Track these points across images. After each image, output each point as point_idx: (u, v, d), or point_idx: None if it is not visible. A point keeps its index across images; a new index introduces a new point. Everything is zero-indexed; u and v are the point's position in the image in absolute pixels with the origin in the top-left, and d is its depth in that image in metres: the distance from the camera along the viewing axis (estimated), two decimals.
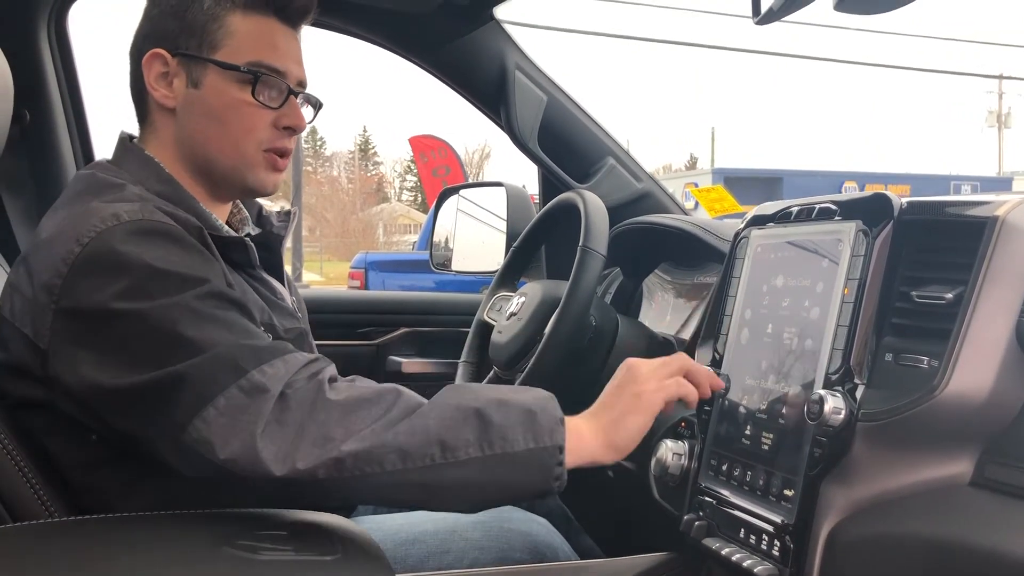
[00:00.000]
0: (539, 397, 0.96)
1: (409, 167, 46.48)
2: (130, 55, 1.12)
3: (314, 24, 1.78)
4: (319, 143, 47.25)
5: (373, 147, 49.09)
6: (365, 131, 50.21)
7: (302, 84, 1.13)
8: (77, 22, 1.70)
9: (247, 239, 1.10)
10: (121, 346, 0.90)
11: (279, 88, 1.09)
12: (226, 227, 1.12)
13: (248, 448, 0.85)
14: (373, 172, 48.28)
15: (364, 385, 0.94)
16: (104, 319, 0.91)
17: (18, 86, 1.35)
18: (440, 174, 12.03)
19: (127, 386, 0.89)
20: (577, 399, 1.46)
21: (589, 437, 0.98)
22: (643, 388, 1.01)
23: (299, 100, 1.13)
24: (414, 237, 19.40)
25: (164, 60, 1.08)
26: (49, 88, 1.65)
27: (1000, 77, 29.29)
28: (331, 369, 0.95)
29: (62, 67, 1.68)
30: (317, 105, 1.19)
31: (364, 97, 71.47)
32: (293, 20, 1.12)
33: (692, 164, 45.85)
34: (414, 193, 45.74)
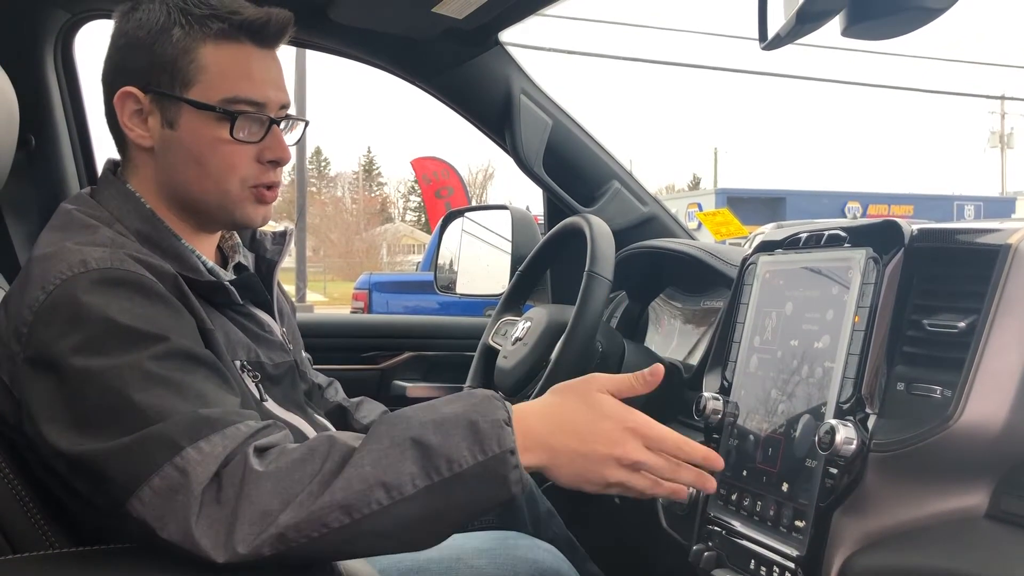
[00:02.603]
0: (475, 402, 0.86)
1: (413, 187, 46.60)
2: (103, 85, 1.08)
3: (317, 49, 1.80)
4: (323, 164, 47.44)
5: (377, 168, 49.29)
6: (369, 152, 50.55)
7: (284, 107, 1.08)
8: (83, 45, 1.71)
9: (226, 283, 1.06)
10: (70, 405, 0.87)
11: (259, 121, 1.05)
12: (210, 264, 1.08)
13: (185, 533, 0.81)
14: (377, 192, 48.43)
15: (293, 446, 0.86)
16: (58, 373, 0.88)
17: (24, 111, 1.35)
18: (443, 195, 12.04)
19: (74, 454, 0.86)
20: None
21: (540, 438, 0.87)
22: (612, 475, 0.88)
23: (282, 125, 1.09)
24: (418, 257, 19.41)
25: (136, 98, 1.04)
26: (54, 114, 1.66)
27: (1002, 98, 29.35)
28: (271, 436, 0.88)
29: (68, 92, 1.68)
30: (304, 124, 1.15)
31: (368, 118, 71.78)
32: (269, 42, 1.06)
33: (695, 184, 45.93)
34: (418, 213, 45.83)
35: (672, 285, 1.69)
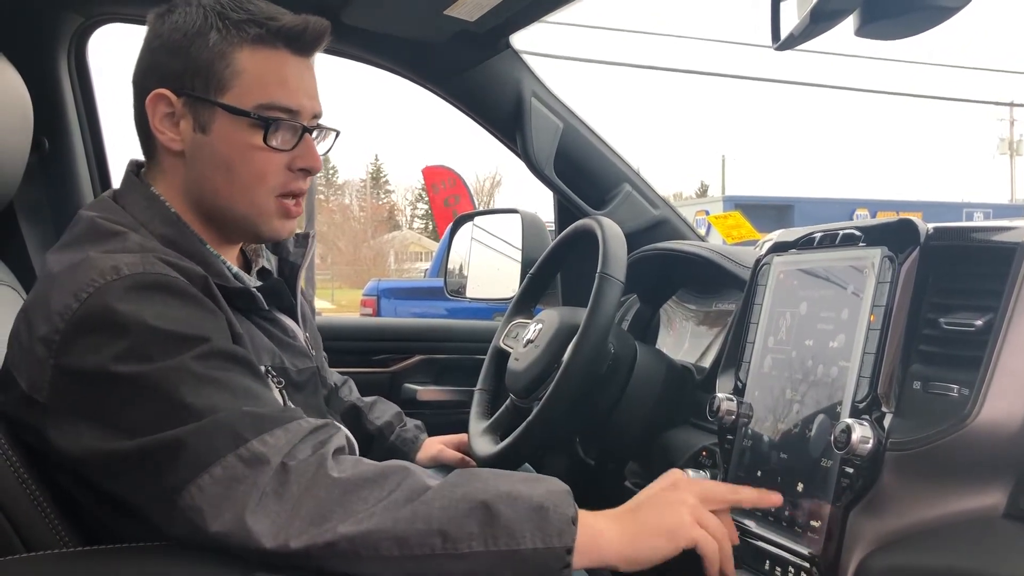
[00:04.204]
0: (552, 491, 0.89)
1: (420, 195, 46.70)
2: (133, 88, 1.06)
3: (330, 52, 1.80)
4: (331, 172, 47.55)
5: (385, 175, 49.40)
6: (377, 159, 50.61)
7: (317, 116, 1.08)
8: (96, 50, 1.72)
9: (253, 290, 1.06)
10: (119, 411, 0.87)
11: (293, 129, 1.04)
12: (235, 269, 1.08)
13: (239, 520, 0.82)
14: (385, 200, 48.52)
15: (370, 463, 0.88)
16: (102, 382, 0.87)
17: (38, 115, 1.36)
18: (451, 203, 12.11)
19: (123, 451, 0.86)
20: (595, 427, 1.45)
21: (607, 540, 0.91)
22: (682, 519, 0.93)
23: (314, 135, 1.08)
24: (425, 265, 19.45)
25: (169, 101, 1.02)
26: (68, 117, 1.66)
27: (1012, 105, 29.27)
28: (339, 438, 0.91)
29: (81, 96, 1.69)
30: (336, 133, 1.14)
31: (376, 126, 72.01)
32: (305, 50, 1.05)
33: (703, 192, 45.91)
34: (425, 221, 45.92)
35: (684, 288, 1.69)
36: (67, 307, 0.90)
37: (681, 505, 0.94)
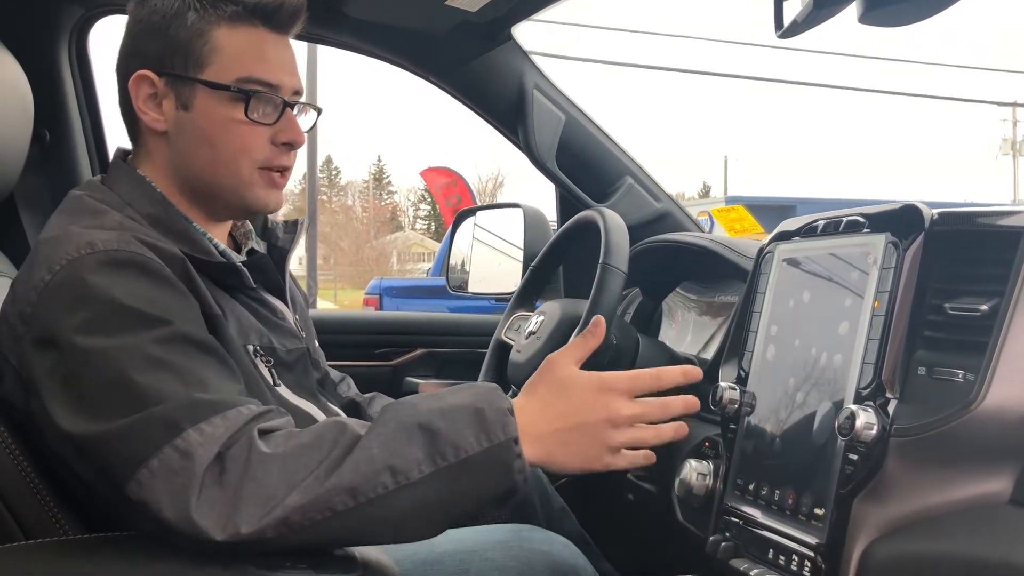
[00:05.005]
0: (481, 392, 0.89)
1: (423, 196, 46.72)
2: (116, 73, 1.08)
3: (332, 44, 1.80)
4: (334, 172, 47.62)
5: (387, 176, 49.44)
6: (379, 160, 50.58)
7: (298, 93, 1.09)
8: (97, 41, 1.71)
9: (239, 264, 1.06)
10: (71, 384, 0.87)
11: (273, 103, 1.05)
12: (222, 247, 1.08)
13: (183, 515, 0.80)
14: (387, 201, 48.56)
15: (301, 431, 0.87)
16: (60, 351, 0.88)
17: (38, 107, 1.36)
18: (452, 203, 12.21)
19: (77, 434, 0.85)
20: None
21: (533, 434, 0.89)
22: (612, 439, 0.91)
23: (295, 111, 1.08)
24: (428, 265, 19.45)
25: (151, 81, 1.04)
26: (69, 108, 1.66)
27: (1014, 104, 29.23)
28: (274, 420, 0.88)
29: (82, 88, 1.69)
30: (317, 111, 1.15)
31: (379, 127, 72.09)
32: (283, 27, 1.07)
33: (705, 192, 45.93)
34: (427, 221, 45.96)
35: (686, 280, 1.68)
36: (41, 280, 0.91)
37: (614, 430, 0.91)
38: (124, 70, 1.07)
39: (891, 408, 0.90)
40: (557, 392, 0.93)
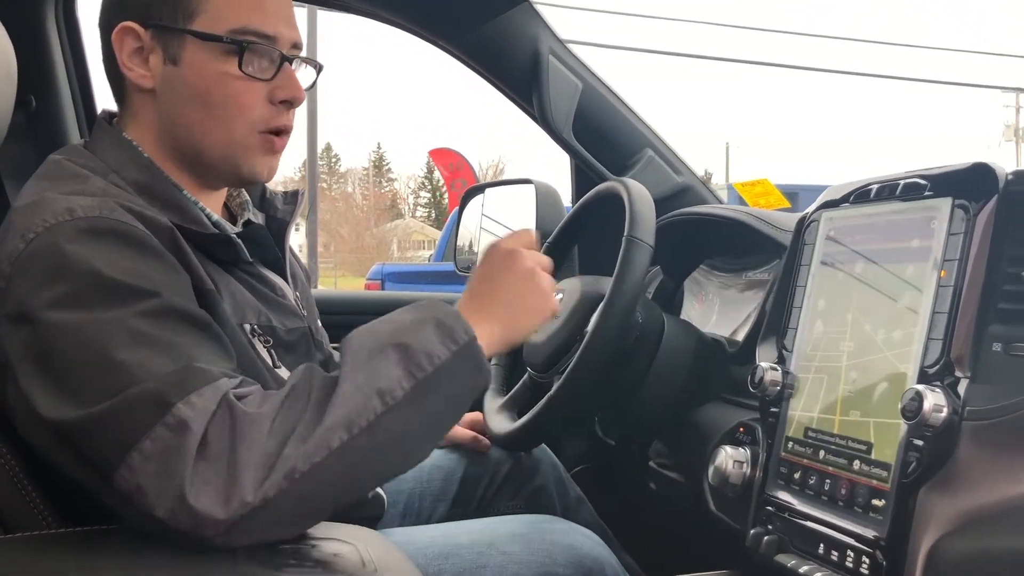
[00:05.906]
0: (428, 305, 0.90)
1: (423, 183, 46.64)
2: (99, 28, 1.00)
3: (338, 8, 1.71)
4: (334, 160, 47.48)
5: (387, 164, 49.27)
6: (379, 148, 50.39)
7: (296, 47, 1.00)
8: (86, 5, 1.62)
9: (233, 236, 0.98)
10: (47, 364, 0.79)
11: (270, 56, 0.96)
12: (215, 217, 1.00)
13: (180, 501, 0.73)
14: (387, 188, 48.40)
15: (271, 391, 0.81)
16: (35, 328, 0.79)
17: (24, 72, 1.27)
18: (456, 187, 12.23)
19: (56, 420, 0.77)
20: (617, 405, 1.36)
21: (486, 312, 0.95)
22: (540, 282, 1.00)
23: (294, 65, 1.00)
24: (428, 253, 19.41)
25: (136, 34, 0.96)
26: (56, 74, 1.57)
27: (1017, 90, 29.07)
28: (242, 387, 0.81)
29: (71, 53, 1.60)
30: (317, 68, 1.06)
31: (378, 114, 71.87)
32: None
33: (707, 179, 45.84)
34: (428, 209, 45.88)
35: (710, 257, 1.59)
36: (14, 249, 0.83)
37: (537, 288, 1.00)
38: (107, 23, 0.98)
39: (962, 388, 0.81)
40: (481, 277, 1.00)
